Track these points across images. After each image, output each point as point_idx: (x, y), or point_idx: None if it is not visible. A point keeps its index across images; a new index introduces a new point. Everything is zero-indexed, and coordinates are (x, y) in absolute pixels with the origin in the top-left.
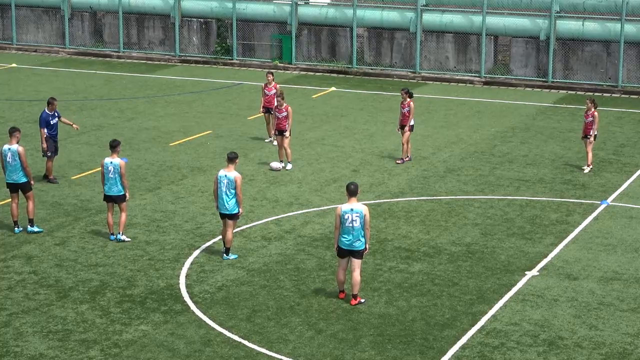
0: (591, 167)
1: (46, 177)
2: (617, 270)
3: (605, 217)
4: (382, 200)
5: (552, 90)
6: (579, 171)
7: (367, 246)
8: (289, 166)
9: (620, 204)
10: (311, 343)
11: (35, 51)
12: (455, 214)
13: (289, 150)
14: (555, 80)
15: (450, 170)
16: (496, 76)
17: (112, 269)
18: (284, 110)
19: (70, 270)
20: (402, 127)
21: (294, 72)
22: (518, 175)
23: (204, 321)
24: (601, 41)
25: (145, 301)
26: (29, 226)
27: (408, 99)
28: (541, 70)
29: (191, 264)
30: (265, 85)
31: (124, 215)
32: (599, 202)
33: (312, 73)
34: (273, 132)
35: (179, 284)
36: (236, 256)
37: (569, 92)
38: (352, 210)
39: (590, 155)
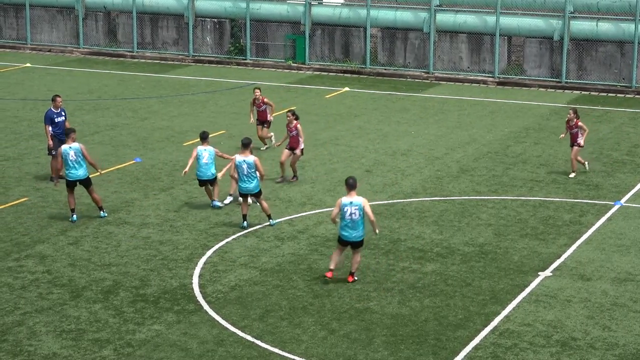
0: (575, 172)
1: (51, 178)
2: (630, 271)
3: (618, 217)
4: (395, 201)
5: (566, 91)
6: (592, 172)
7: (377, 230)
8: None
9: (634, 205)
10: (324, 343)
11: (50, 51)
12: (469, 215)
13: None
14: (568, 80)
15: (464, 171)
16: (510, 76)
17: (125, 269)
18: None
19: (83, 270)
20: (292, 149)
21: (308, 72)
22: (531, 176)
23: (217, 321)
24: (615, 42)
25: (158, 301)
26: (101, 212)
27: (295, 121)
28: (555, 71)
29: (204, 263)
30: (254, 100)
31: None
32: (613, 203)
33: (325, 73)
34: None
35: (192, 283)
36: (275, 222)
37: (583, 92)
38: (351, 203)
39: (574, 162)
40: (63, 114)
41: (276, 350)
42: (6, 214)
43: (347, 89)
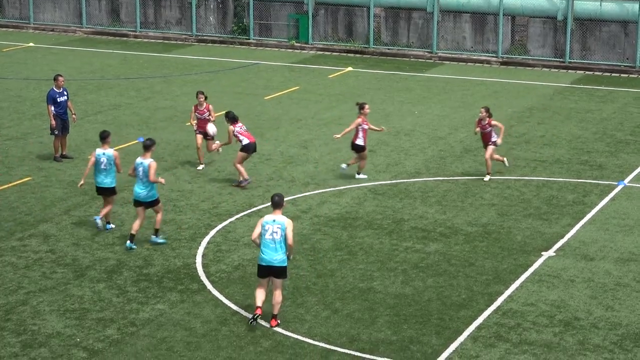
0: (490, 175)
1: (55, 157)
2: (633, 251)
3: (622, 198)
4: (398, 181)
5: (570, 71)
6: (595, 152)
7: (291, 256)
8: (362, 175)
9: (637, 185)
10: (327, 323)
11: (53, 30)
12: (472, 195)
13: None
14: (572, 60)
15: (467, 151)
16: (513, 56)
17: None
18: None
19: (87, 249)
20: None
21: (311, 51)
22: (535, 156)
23: (221, 300)
24: (619, 21)
25: (162, 280)
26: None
27: (230, 126)
28: (558, 51)
29: (208, 243)
30: (196, 107)
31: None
32: (616, 183)
33: (328, 53)
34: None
35: (195, 263)
36: (165, 241)
37: (587, 72)
38: (274, 221)
39: (489, 162)
40: (65, 93)
41: (279, 329)
42: (10, 193)
43: (350, 68)
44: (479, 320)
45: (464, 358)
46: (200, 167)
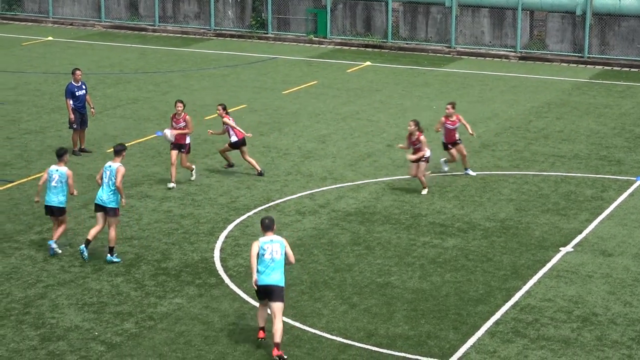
0: (427, 188)
1: (74, 151)
2: None
3: None
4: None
5: (588, 66)
6: (614, 147)
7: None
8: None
9: None
10: (345, 317)
11: (71, 24)
12: (490, 190)
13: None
14: (591, 55)
15: (485, 146)
16: (532, 51)
17: (147, 242)
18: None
19: (105, 243)
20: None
21: (329, 46)
22: (553, 151)
23: (238, 295)
24: (638, 16)
25: (179, 274)
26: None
27: (225, 118)
28: (577, 46)
29: (225, 237)
30: (174, 115)
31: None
32: (635, 179)
33: (347, 47)
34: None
35: (213, 257)
36: (119, 260)
37: (605, 67)
38: (271, 241)
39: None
40: (84, 87)
41: (297, 324)
42: (28, 187)
43: (368, 63)
44: (497, 315)
45: (482, 353)
46: (171, 184)
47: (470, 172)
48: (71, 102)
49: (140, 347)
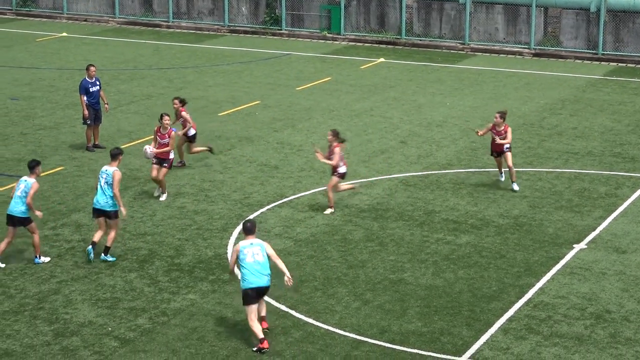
0: (332, 209)
1: (87, 147)
2: None
3: None
4: (430, 172)
5: (602, 63)
6: (628, 144)
7: (288, 274)
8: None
9: None
10: (358, 314)
11: (86, 20)
12: (504, 186)
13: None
14: (605, 52)
15: None
16: (546, 48)
17: (160, 238)
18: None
19: (119, 239)
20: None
21: (343, 42)
22: (567, 148)
23: None
24: None
25: (193, 270)
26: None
27: (184, 112)
28: (591, 42)
29: (239, 233)
30: (159, 129)
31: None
32: None
33: (360, 44)
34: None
35: (226, 253)
36: (114, 259)
37: (619, 64)
38: (251, 244)
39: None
40: (98, 83)
41: (310, 320)
42: (42, 182)
43: (382, 59)
44: (510, 312)
45: (495, 350)
46: (163, 197)
47: (515, 187)
48: (85, 98)
49: (154, 343)
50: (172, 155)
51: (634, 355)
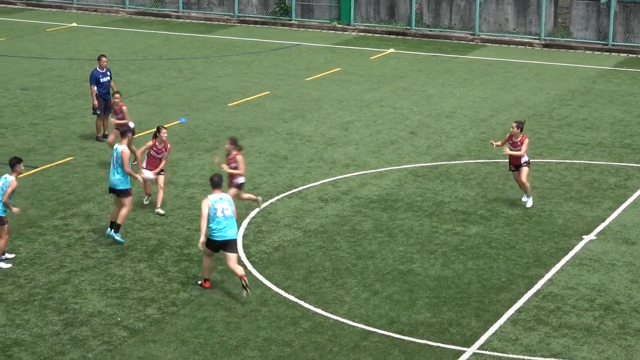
0: (530, 196)
1: (97, 137)
2: None
3: None
4: (439, 163)
5: (613, 54)
6: (638, 135)
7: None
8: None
9: None
10: (367, 304)
11: (96, 11)
12: (513, 177)
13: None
14: (615, 43)
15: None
16: (556, 39)
17: (169, 228)
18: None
19: (128, 229)
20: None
21: (353, 33)
22: (577, 139)
23: (261, 281)
24: None
25: (202, 261)
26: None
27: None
28: (601, 33)
29: (248, 224)
30: (155, 143)
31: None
32: None
33: (370, 34)
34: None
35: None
36: (122, 240)
37: (630, 55)
38: (220, 199)
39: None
40: (108, 74)
41: (319, 310)
42: (52, 172)
43: (392, 50)
44: (519, 303)
45: (504, 341)
46: (160, 210)
47: (526, 200)
48: (95, 88)
49: (163, 333)
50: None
51: None
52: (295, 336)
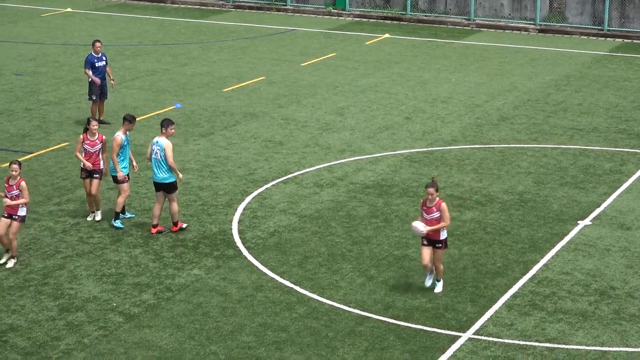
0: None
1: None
2: None
3: None
4: (434, 148)
5: (608, 39)
6: (633, 120)
7: (180, 176)
8: None
9: None
10: (362, 290)
11: None
12: (508, 163)
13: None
14: (611, 28)
15: (504, 119)
16: (551, 24)
17: (165, 214)
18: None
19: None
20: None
21: (348, 18)
22: (572, 124)
23: (256, 266)
24: None
25: (197, 246)
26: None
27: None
28: (597, 19)
29: (244, 209)
30: (86, 136)
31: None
32: None
33: (365, 19)
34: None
35: (231, 229)
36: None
37: (625, 40)
38: (157, 142)
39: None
40: (104, 58)
41: (315, 296)
42: (47, 158)
43: (387, 35)
44: (514, 288)
45: (499, 326)
46: (98, 216)
47: (435, 285)
48: (90, 72)
49: (158, 318)
50: (102, 165)
51: (638, 331)
52: (291, 321)
